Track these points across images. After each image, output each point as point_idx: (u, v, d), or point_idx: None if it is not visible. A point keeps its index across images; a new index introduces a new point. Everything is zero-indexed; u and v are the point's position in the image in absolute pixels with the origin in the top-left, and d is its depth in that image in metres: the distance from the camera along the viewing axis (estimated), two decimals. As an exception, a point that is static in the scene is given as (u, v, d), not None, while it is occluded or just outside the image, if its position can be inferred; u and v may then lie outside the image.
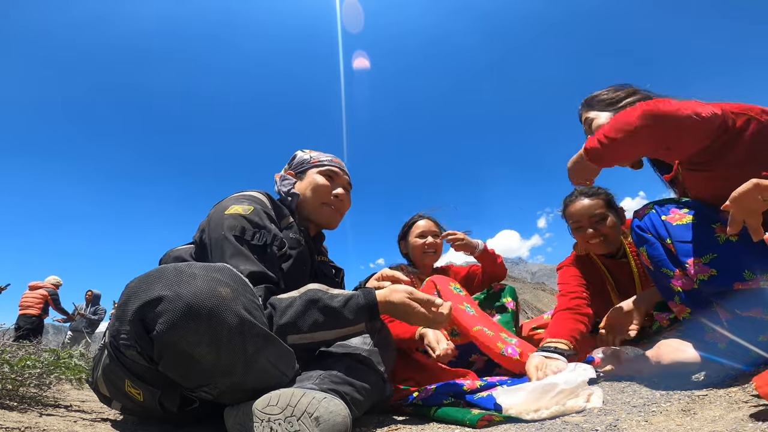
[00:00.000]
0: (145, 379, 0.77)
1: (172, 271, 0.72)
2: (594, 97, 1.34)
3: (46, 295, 6.08)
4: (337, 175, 1.28)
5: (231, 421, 0.77)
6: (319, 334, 0.88)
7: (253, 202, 1.07)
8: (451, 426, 0.91)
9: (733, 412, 0.65)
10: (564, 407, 0.86)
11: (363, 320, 0.90)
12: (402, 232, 2.01)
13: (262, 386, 0.77)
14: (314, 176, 1.25)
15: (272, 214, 1.10)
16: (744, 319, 0.88)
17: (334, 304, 0.89)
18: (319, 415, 0.67)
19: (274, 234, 1.03)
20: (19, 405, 1.01)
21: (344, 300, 0.90)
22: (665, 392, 0.87)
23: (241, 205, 1.04)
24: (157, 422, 0.95)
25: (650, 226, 1.08)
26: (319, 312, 0.88)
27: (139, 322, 0.69)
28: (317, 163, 1.28)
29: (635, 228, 1.15)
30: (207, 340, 0.68)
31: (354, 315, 0.89)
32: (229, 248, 0.96)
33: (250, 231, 0.99)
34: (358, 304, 0.90)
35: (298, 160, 1.31)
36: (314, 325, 0.87)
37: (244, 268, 0.92)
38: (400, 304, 0.93)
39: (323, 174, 1.25)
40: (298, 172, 1.29)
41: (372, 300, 0.92)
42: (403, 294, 0.94)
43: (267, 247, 1.00)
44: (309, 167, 1.27)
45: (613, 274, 1.59)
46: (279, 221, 1.13)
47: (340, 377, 0.87)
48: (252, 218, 1.02)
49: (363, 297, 0.92)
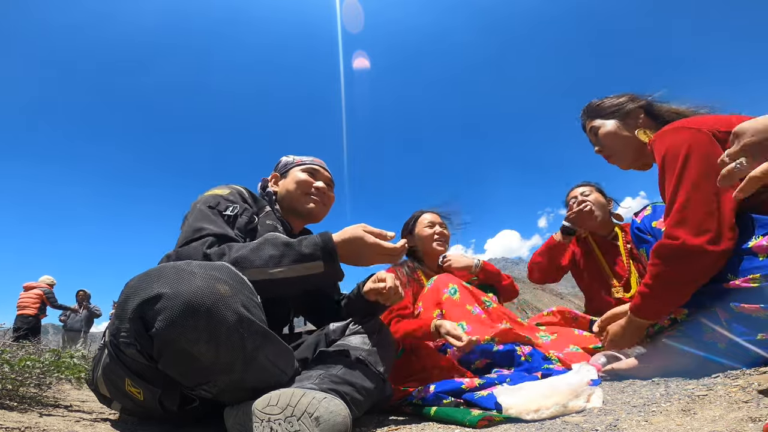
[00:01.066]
0: (146, 378, 0.77)
1: (171, 269, 0.73)
2: (597, 105, 1.37)
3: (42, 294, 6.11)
4: (317, 172, 1.37)
5: (231, 421, 0.77)
6: (277, 271, 0.88)
7: (231, 187, 1.18)
8: (450, 426, 0.90)
9: (733, 412, 0.65)
10: (564, 407, 0.85)
11: (320, 256, 0.91)
12: (407, 227, 1.98)
13: (262, 384, 0.77)
14: (296, 173, 1.34)
15: (248, 199, 1.19)
16: (741, 316, 0.89)
17: (290, 240, 0.94)
18: (320, 415, 0.67)
19: (245, 208, 1.12)
20: (19, 405, 1.01)
21: (301, 238, 0.95)
22: (665, 392, 0.87)
23: (219, 189, 1.16)
24: (157, 422, 0.95)
25: (648, 227, 1.11)
26: (274, 247, 0.91)
27: (139, 319, 0.70)
28: (299, 163, 1.38)
29: (634, 230, 1.17)
30: (206, 337, 0.68)
31: (310, 249, 0.91)
32: (196, 214, 1.03)
33: (224, 204, 1.08)
34: (314, 240, 0.93)
35: (282, 164, 1.41)
36: (270, 259, 0.89)
37: (207, 228, 0.97)
38: (354, 237, 0.95)
39: (305, 171, 1.35)
40: (282, 173, 1.38)
41: (327, 236, 0.95)
42: (356, 227, 0.97)
43: (237, 217, 1.07)
44: (292, 167, 1.37)
45: (606, 253, 1.93)
46: (257, 210, 1.21)
47: (340, 377, 0.87)
48: (228, 197, 1.12)
49: (318, 235, 0.96)
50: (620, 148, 1.30)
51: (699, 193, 0.93)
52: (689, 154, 0.96)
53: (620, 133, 1.29)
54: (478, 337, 1.27)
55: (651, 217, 1.14)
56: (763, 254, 0.86)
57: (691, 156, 0.96)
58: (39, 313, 6.02)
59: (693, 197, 0.94)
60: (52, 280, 6.47)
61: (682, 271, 0.95)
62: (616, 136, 1.30)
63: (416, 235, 1.92)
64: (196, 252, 0.91)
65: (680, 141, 0.99)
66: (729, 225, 0.90)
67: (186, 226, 1.02)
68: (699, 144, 0.96)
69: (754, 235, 0.89)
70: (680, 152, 0.98)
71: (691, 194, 0.94)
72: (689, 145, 0.97)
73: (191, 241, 0.96)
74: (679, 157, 0.97)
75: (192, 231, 0.98)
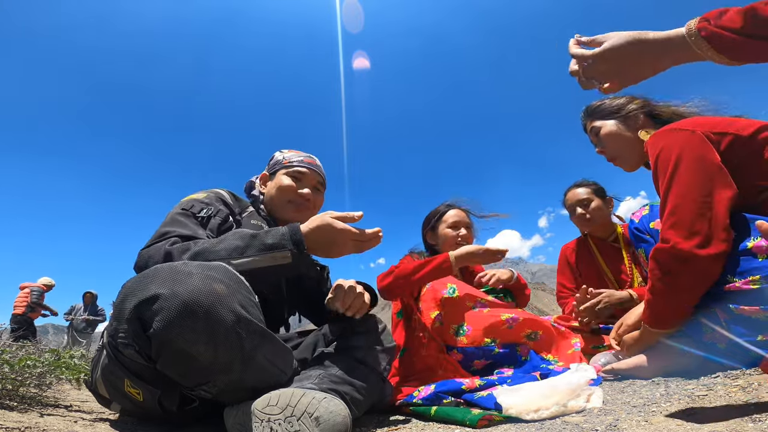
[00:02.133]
0: (145, 379, 0.77)
1: (167, 269, 0.73)
2: (596, 106, 1.37)
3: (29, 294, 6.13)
4: (304, 175, 1.31)
5: (231, 421, 0.77)
6: (242, 261, 0.86)
7: (210, 192, 1.17)
8: (451, 426, 0.90)
9: (733, 412, 0.65)
10: (564, 407, 0.85)
11: (286, 246, 0.89)
12: (430, 222, 1.88)
13: (261, 384, 0.77)
14: (281, 177, 1.30)
15: (228, 201, 1.17)
16: (741, 318, 0.89)
17: (257, 232, 0.92)
18: (319, 415, 0.67)
19: (219, 209, 1.11)
20: (19, 405, 1.01)
21: (267, 230, 0.94)
22: (665, 392, 0.87)
23: (197, 193, 1.15)
24: (157, 422, 0.95)
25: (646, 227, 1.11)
26: (239, 238, 0.90)
27: (137, 320, 0.70)
28: (287, 164, 1.33)
29: (633, 230, 1.17)
30: (204, 337, 0.68)
31: (276, 239, 0.90)
32: (168, 218, 1.02)
33: (198, 207, 1.07)
34: (280, 231, 0.92)
35: (273, 162, 1.37)
36: (234, 249, 0.88)
37: (173, 231, 0.96)
38: (322, 224, 0.93)
39: (290, 175, 1.30)
40: (271, 173, 1.34)
41: (294, 226, 0.93)
42: (323, 215, 0.95)
43: (210, 218, 1.06)
44: (279, 168, 1.32)
45: (606, 256, 1.88)
46: (239, 210, 1.21)
47: (339, 377, 0.87)
48: (203, 200, 1.11)
49: (286, 226, 0.94)
50: (623, 149, 1.30)
51: (690, 196, 0.93)
52: (680, 156, 0.96)
53: (622, 134, 1.29)
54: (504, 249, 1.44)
55: (649, 217, 1.14)
56: (763, 255, 0.86)
57: (683, 158, 0.95)
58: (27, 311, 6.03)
59: (683, 200, 0.94)
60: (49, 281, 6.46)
61: (679, 277, 0.94)
62: (617, 136, 1.29)
63: (438, 233, 1.83)
64: (157, 251, 0.89)
65: (672, 143, 0.99)
66: (722, 226, 0.89)
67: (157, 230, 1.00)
68: (691, 146, 0.96)
69: (751, 236, 0.89)
70: (672, 154, 0.97)
71: (681, 197, 0.94)
72: (681, 147, 0.97)
73: (155, 243, 0.94)
74: (671, 159, 0.97)
75: (158, 235, 0.96)
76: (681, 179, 0.95)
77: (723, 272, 0.91)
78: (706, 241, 0.89)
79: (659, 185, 1.01)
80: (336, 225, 0.92)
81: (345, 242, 0.93)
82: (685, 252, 0.90)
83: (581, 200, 1.89)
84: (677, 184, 0.95)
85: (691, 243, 0.90)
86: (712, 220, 0.90)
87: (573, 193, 1.95)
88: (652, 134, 1.11)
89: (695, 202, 0.92)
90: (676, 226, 0.93)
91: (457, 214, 1.84)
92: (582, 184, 1.97)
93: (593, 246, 1.92)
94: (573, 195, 1.94)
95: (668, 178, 0.97)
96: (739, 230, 0.91)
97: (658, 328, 1.04)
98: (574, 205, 1.91)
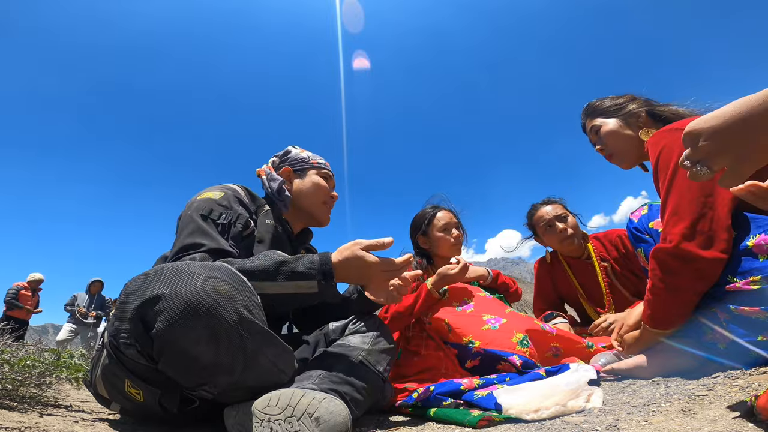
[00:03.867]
0: (146, 379, 0.77)
1: (170, 269, 0.73)
2: (597, 105, 1.37)
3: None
4: (330, 178, 1.37)
5: (231, 421, 0.77)
6: (268, 284, 0.86)
7: (225, 189, 1.12)
8: (450, 426, 0.91)
9: (733, 412, 0.65)
10: (564, 407, 0.85)
11: (314, 276, 0.89)
12: (420, 227, 1.84)
13: (262, 385, 0.77)
14: (316, 177, 1.32)
15: (245, 200, 1.14)
16: (741, 318, 0.89)
17: (287, 257, 0.91)
18: (320, 415, 0.67)
19: (239, 214, 1.07)
20: (19, 405, 1.01)
21: (298, 256, 0.93)
22: (665, 392, 0.87)
23: (212, 191, 1.09)
24: (157, 422, 0.95)
25: (645, 227, 1.10)
26: (269, 260, 0.89)
27: (139, 320, 0.70)
28: (316, 165, 1.35)
29: (632, 230, 1.16)
30: (206, 338, 0.68)
31: (305, 268, 0.89)
32: (191, 226, 0.98)
33: (217, 211, 1.03)
34: (311, 259, 0.91)
35: (296, 157, 1.35)
36: (263, 272, 0.87)
37: (202, 244, 0.94)
38: (352, 257, 0.91)
39: (322, 176, 1.34)
40: (297, 169, 1.33)
41: (325, 257, 0.92)
42: (353, 246, 0.93)
43: (231, 225, 1.03)
44: (309, 167, 1.33)
45: (579, 275, 1.82)
46: (255, 209, 1.17)
47: (340, 377, 0.87)
48: (221, 202, 1.06)
49: (318, 255, 0.94)
50: (623, 147, 1.30)
51: (690, 195, 0.93)
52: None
53: (622, 132, 1.29)
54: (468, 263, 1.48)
55: (648, 217, 1.13)
56: (763, 255, 0.86)
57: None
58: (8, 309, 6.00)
59: (684, 200, 0.93)
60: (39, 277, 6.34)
61: (680, 277, 0.94)
62: (618, 134, 1.30)
63: (430, 236, 1.81)
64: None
65: (674, 142, 0.99)
66: (723, 227, 0.89)
67: (180, 238, 0.98)
68: None
69: (751, 234, 0.89)
70: (673, 154, 0.97)
71: (682, 197, 0.94)
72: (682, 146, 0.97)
73: (183, 255, 0.93)
74: (672, 158, 0.97)
75: (185, 246, 0.94)
76: (682, 179, 0.95)
77: (723, 272, 0.91)
78: (709, 241, 0.89)
79: (660, 185, 1.01)
80: (367, 259, 0.91)
81: (377, 274, 0.93)
82: (687, 252, 0.90)
83: (558, 215, 1.82)
84: (678, 184, 0.95)
85: (693, 243, 0.90)
86: (714, 220, 0.90)
87: (545, 210, 1.86)
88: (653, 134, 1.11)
89: (697, 201, 0.92)
90: (678, 226, 0.93)
91: (446, 215, 1.82)
92: (551, 201, 1.90)
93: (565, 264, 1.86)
94: (546, 212, 1.85)
95: (669, 177, 0.97)
96: (739, 230, 0.91)
97: (658, 328, 1.04)
98: (552, 221, 1.82)
